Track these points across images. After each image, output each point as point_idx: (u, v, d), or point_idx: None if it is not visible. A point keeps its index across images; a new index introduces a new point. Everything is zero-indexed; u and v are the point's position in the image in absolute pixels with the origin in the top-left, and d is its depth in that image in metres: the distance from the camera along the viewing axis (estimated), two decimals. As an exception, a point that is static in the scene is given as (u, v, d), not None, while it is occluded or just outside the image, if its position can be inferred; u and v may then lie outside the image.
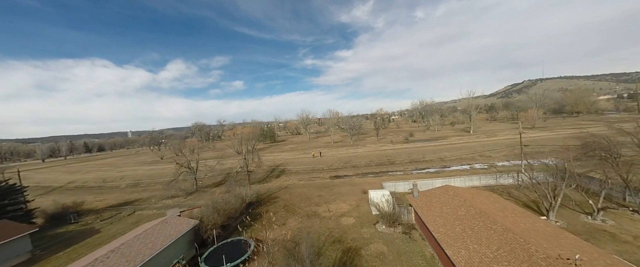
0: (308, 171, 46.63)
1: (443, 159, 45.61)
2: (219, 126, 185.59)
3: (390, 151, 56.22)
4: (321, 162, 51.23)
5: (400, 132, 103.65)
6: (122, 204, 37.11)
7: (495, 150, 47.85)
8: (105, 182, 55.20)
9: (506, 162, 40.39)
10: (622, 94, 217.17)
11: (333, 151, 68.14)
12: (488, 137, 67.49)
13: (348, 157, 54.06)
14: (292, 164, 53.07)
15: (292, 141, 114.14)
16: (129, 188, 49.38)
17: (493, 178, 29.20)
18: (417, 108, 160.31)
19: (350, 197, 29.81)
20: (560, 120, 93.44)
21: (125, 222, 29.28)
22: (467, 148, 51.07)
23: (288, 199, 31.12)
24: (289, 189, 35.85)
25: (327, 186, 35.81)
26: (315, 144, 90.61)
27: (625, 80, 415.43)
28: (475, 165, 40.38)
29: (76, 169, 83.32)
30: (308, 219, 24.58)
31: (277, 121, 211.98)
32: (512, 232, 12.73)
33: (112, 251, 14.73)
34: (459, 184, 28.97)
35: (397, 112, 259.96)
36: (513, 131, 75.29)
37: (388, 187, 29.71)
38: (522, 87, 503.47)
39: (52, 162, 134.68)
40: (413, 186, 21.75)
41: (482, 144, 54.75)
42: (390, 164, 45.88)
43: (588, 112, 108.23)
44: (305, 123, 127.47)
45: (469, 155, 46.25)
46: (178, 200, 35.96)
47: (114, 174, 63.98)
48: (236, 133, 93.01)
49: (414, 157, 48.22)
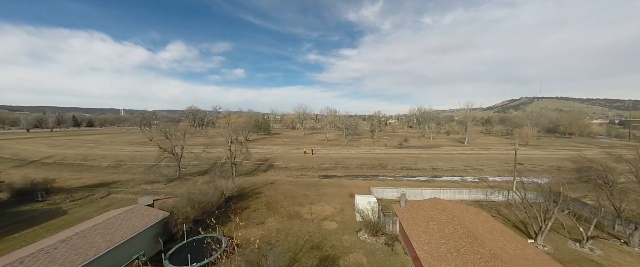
0: (297, 168, 45.39)
1: (435, 168, 44.93)
2: (214, 113, 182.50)
3: (383, 155, 55.36)
4: (312, 160, 50.03)
5: (395, 137, 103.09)
6: (98, 185, 35.28)
7: (487, 164, 47.42)
8: (86, 159, 52.91)
9: (497, 177, 39.91)
10: (614, 119, 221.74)
11: (326, 149, 66.98)
12: (481, 150, 67.26)
13: (340, 157, 52.99)
14: (282, 159, 51.74)
15: (286, 135, 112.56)
16: (109, 169, 47.36)
17: (483, 193, 28.48)
18: (415, 114, 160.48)
19: (336, 199, 28.74)
20: (553, 140, 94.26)
21: (96, 205, 27.61)
22: (460, 159, 50.55)
23: (271, 196, 29.87)
24: (274, 185, 34.59)
25: (314, 185, 34.66)
26: (309, 141, 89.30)
27: (618, 106, 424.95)
28: (466, 177, 39.78)
29: (59, 143, 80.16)
30: (289, 220, 23.40)
31: (274, 114, 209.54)
32: (500, 260, 11.76)
33: (62, 241, 13.25)
34: (448, 196, 28.18)
35: (394, 116, 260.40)
36: (506, 146, 75.36)
37: (376, 193, 28.72)
38: (519, 103, 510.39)
39: (36, 133, 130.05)
40: (401, 195, 20.72)
41: (475, 156, 54.34)
42: (382, 169, 44.99)
43: (580, 135, 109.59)
44: (301, 118, 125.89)
45: (461, 166, 45.69)
46: (157, 186, 34.33)
47: (96, 151, 61.53)
48: (229, 122, 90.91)
49: (406, 163, 47.43)
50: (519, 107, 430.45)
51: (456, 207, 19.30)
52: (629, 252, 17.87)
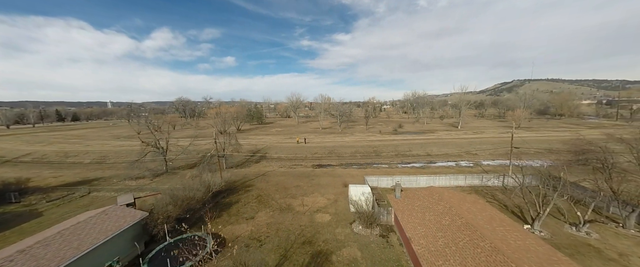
0: (290, 158, 44.20)
1: (430, 154, 44.44)
2: (205, 103, 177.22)
3: (377, 142, 54.55)
4: (305, 149, 48.83)
5: (389, 123, 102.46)
6: (79, 183, 33.37)
7: (481, 148, 47.23)
8: (67, 156, 50.31)
9: (491, 161, 39.75)
10: (601, 99, 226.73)
11: (319, 137, 65.75)
12: (475, 134, 67.28)
13: (334, 145, 51.92)
14: (275, 149, 50.34)
15: (280, 124, 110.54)
16: (92, 164, 45.14)
17: (479, 178, 28.03)
18: (409, 99, 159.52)
19: (330, 189, 27.86)
20: (544, 122, 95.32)
21: (75, 205, 25.99)
22: (454, 144, 50.20)
23: (263, 189, 28.75)
24: (266, 177, 33.43)
25: (307, 175, 33.65)
26: (303, 129, 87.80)
27: (606, 87, 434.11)
28: (461, 162, 39.44)
29: (41, 139, 76.34)
30: (280, 213, 22.43)
31: (267, 102, 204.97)
32: (502, 254, 10.99)
33: (21, 252, 11.80)
34: (443, 182, 27.63)
35: (388, 102, 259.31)
36: (500, 129, 75.68)
37: (371, 181, 27.91)
38: (511, 86, 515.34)
39: (17, 129, 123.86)
40: (396, 185, 19.83)
41: (469, 141, 54.12)
42: (376, 156, 44.24)
43: (570, 116, 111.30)
44: (294, 106, 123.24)
45: (455, 151, 45.34)
46: (143, 182, 32.69)
47: (79, 147, 58.69)
48: (219, 112, 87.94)
49: (400, 150, 46.78)
50: (511, 89, 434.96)
51: (453, 196, 18.56)
52: (625, 235, 17.68)
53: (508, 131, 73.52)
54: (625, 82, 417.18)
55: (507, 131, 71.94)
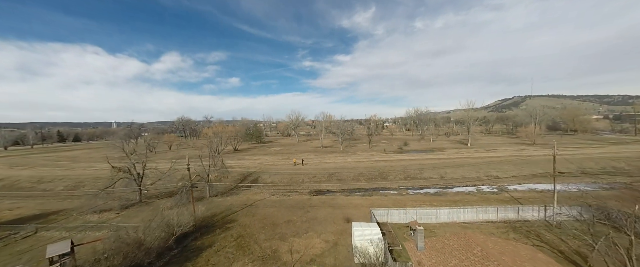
0: (285, 182, 39.10)
1: (443, 177, 39.10)
2: (205, 122, 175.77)
3: (382, 163, 49.44)
4: (302, 173, 43.79)
5: (393, 140, 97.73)
6: (36, 217, 28.39)
7: (501, 169, 41.81)
8: (40, 182, 45.70)
9: (518, 185, 34.25)
10: (607, 114, 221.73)
11: (319, 157, 60.88)
12: (488, 152, 61.99)
13: (335, 167, 46.87)
14: (269, 172, 45.38)
15: (279, 143, 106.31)
16: (64, 192, 40.37)
17: (513, 211, 22.64)
18: (412, 116, 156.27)
19: (328, 226, 22.53)
20: (558, 138, 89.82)
21: (9, 250, 20.83)
22: (470, 165, 44.89)
23: (247, 225, 23.51)
24: (253, 208, 28.23)
25: (302, 206, 28.39)
26: (303, 148, 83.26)
27: (608, 102, 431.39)
28: (482, 187, 34.00)
29: (23, 162, 72.32)
30: (262, 264, 17.08)
31: (269, 121, 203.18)
32: None
33: None
34: (470, 217, 22.25)
35: (390, 119, 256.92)
36: (514, 147, 70.33)
37: (379, 216, 22.64)
38: (511, 102, 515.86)
39: (13, 151, 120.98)
40: (415, 233, 14.71)
41: (485, 160, 48.75)
42: (382, 180, 38.99)
43: (583, 131, 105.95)
44: (295, 125, 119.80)
45: (473, 173, 39.97)
46: (107, 216, 27.64)
47: (58, 171, 54.24)
48: (216, 131, 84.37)
49: (409, 172, 41.55)
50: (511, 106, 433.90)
51: (495, 245, 13.34)
52: None
53: (523, 148, 68.00)
54: (627, 97, 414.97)
55: (523, 149, 66.51)
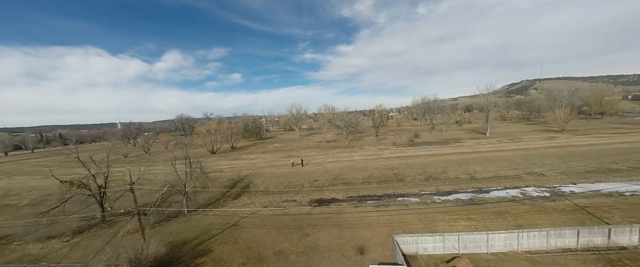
0: (281, 188, 32.75)
1: (473, 176, 32.12)
2: (205, 120, 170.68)
3: (395, 160, 42.54)
4: (302, 175, 37.33)
5: (402, 132, 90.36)
6: (-30, 247, 22.71)
7: (544, 164, 34.51)
8: (7, 195, 40.35)
9: (572, 186, 27.14)
10: (625, 95, 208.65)
11: (322, 154, 54.34)
12: (513, 142, 54.45)
13: (340, 167, 40.25)
14: (264, 174, 39.06)
15: (280, 139, 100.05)
16: (26, 208, 34.87)
17: (602, 233, 15.75)
18: (419, 105, 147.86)
19: (335, 262, 16.10)
20: (587, 123, 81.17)
21: None
22: (502, 159, 37.63)
23: (223, 261, 17.24)
24: (237, 230, 21.97)
25: (299, 225, 21.98)
26: (305, 144, 76.76)
27: (623, 82, 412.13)
28: (527, 189, 27.02)
29: (8, 170, 67.68)
30: None
31: (271, 116, 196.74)
32: None
33: None
34: (539, 244, 15.50)
35: (395, 109, 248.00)
36: (540, 134, 62.45)
37: (406, 245, 16.07)
38: (520, 87, 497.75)
39: (14, 156, 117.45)
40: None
41: (520, 153, 41.15)
42: (398, 182, 32.27)
43: (611, 114, 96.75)
44: (296, 119, 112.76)
45: (509, 171, 32.85)
46: (53, 245, 21.77)
47: (32, 182, 48.99)
48: (210, 130, 78.30)
49: (430, 171, 34.67)
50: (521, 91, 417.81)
51: None
52: None
53: (553, 136, 59.85)
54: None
55: (553, 136, 58.57)
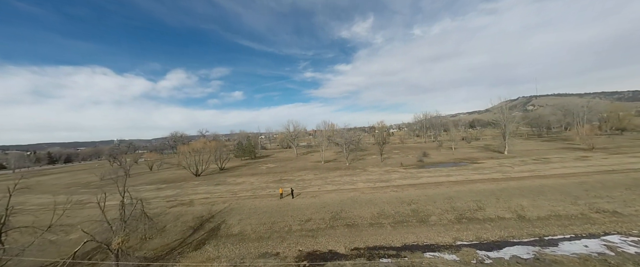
0: (262, 232, 24.14)
1: (521, 215, 23.79)
2: (199, 137, 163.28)
3: (410, 189, 34.24)
4: (291, 211, 28.84)
5: (407, 150, 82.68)
6: None
7: (611, 197, 26.35)
8: None
9: (677, 234, 18.89)
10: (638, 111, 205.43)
11: (319, 178, 46.06)
12: (541, 163, 46.73)
13: (340, 198, 31.87)
14: (242, 211, 30.49)
15: (275, 158, 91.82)
16: None
17: None
18: (421, 121, 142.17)
19: None
20: (609, 140, 74.03)
21: None
22: (551, 189, 29.41)
23: None
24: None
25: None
26: (301, 164, 68.60)
27: (618, 98, 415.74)
28: (610, 239, 18.73)
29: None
30: None
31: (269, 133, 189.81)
32: None
33: None
34: None
35: (395, 125, 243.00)
36: (566, 153, 54.84)
37: None
38: (517, 103, 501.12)
39: None
40: None
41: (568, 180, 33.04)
42: (420, 223, 23.81)
43: (632, 130, 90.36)
44: (293, 136, 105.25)
45: (568, 206, 24.60)
46: None
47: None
48: (195, 149, 70.24)
49: (460, 207, 26.38)
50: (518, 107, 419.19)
51: None
52: None
53: (585, 156, 51.27)
54: (637, 92, 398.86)
55: (584, 156, 50.40)
